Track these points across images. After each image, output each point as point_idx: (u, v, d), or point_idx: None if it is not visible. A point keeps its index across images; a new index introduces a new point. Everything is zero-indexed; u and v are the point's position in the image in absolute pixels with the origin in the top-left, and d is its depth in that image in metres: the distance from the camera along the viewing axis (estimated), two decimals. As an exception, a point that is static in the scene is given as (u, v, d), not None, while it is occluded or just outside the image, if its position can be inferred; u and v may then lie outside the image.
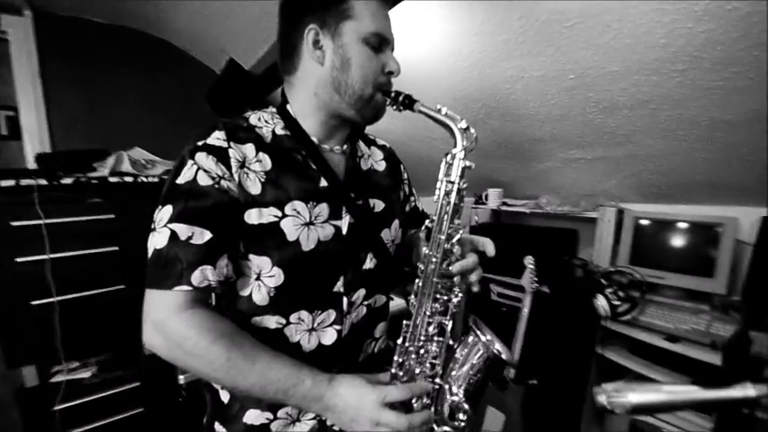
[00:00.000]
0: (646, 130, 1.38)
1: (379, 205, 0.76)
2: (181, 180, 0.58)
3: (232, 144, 0.61)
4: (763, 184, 1.41)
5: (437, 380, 0.65)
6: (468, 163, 0.62)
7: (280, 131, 0.68)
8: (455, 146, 0.62)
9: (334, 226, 0.67)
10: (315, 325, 0.67)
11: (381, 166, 0.83)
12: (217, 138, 0.61)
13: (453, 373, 0.66)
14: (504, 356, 0.65)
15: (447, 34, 1.26)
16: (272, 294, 0.64)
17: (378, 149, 0.85)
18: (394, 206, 0.81)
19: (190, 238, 0.55)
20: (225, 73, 2.04)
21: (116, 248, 1.48)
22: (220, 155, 0.60)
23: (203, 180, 0.57)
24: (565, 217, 1.98)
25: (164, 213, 0.57)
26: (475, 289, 0.67)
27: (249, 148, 0.63)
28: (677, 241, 1.61)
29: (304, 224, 0.64)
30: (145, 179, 1.58)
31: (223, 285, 0.60)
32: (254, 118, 0.67)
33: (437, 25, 1.24)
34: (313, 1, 0.64)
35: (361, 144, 0.81)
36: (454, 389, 0.65)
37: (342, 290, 0.69)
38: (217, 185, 0.58)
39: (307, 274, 0.65)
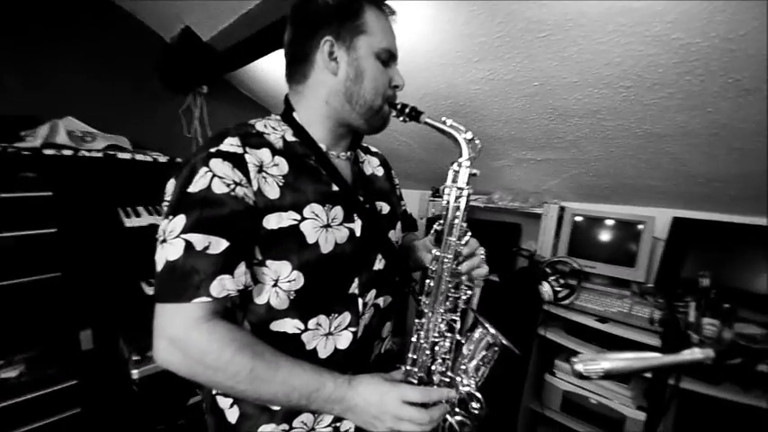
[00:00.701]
0: (590, 136, 1.56)
1: (385, 208, 0.80)
2: (194, 188, 0.56)
3: (248, 149, 0.60)
4: (676, 190, 1.68)
5: (449, 373, 0.69)
6: (474, 170, 0.66)
7: (290, 138, 0.68)
8: (461, 155, 0.67)
9: (348, 228, 0.68)
10: (332, 329, 0.68)
11: (380, 171, 0.87)
12: (230, 144, 0.60)
13: (463, 366, 0.71)
14: (511, 347, 0.71)
15: (427, 32, 1.30)
16: (292, 297, 0.63)
17: (373, 156, 0.88)
18: (396, 209, 0.84)
19: (207, 248, 0.54)
20: (178, 43, 1.87)
21: (54, 230, 1.31)
22: (236, 161, 0.58)
23: (218, 188, 0.56)
24: (511, 211, 2.16)
25: (175, 223, 0.54)
26: (480, 284, 0.72)
27: (265, 153, 0.63)
28: (606, 236, 1.86)
29: (322, 226, 0.64)
30: (87, 153, 1.41)
31: (241, 294, 0.58)
32: (259, 125, 0.67)
33: (418, 24, 1.27)
34: (329, 14, 0.66)
35: (360, 151, 0.83)
36: (465, 380, 0.70)
37: (357, 291, 0.70)
38: (232, 193, 0.57)
39: (326, 276, 0.66)
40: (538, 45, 1.19)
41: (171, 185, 0.62)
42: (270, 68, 1.94)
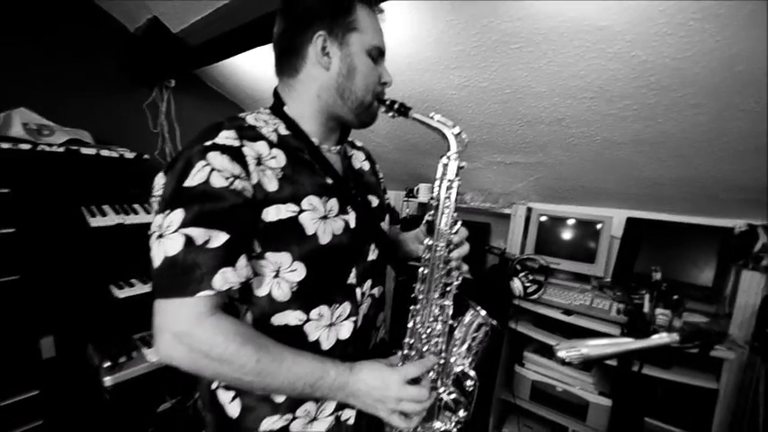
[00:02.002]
0: (555, 142, 1.67)
1: (374, 201, 0.82)
2: (191, 182, 0.55)
3: (245, 142, 0.60)
4: (629, 192, 1.83)
5: (443, 354, 0.73)
6: (462, 163, 0.70)
7: (283, 132, 0.69)
8: (449, 149, 0.69)
9: (343, 220, 0.70)
10: (333, 319, 0.69)
11: (366, 165, 0.89)
12: (227, 137, 0.60)
13: (455, 348, 0.75)
14: (497, 326, 0.76)
15: (407, 38, 1.35)
16: (294, 289, 0.64)
17: (359, 151, 0.90)
18: (383, 202, 0.88)
19: (207, 242, 0.54)
20: (144, 34, 1.79)
21: (12, 230, 1.22)
22: (234, 154, 0.58)
23: (217, 181, 0.56)
24: (481, 212, 2.26)
25: (172, 218, 0.54)
26: (465, 268, 0.77)
27: (262, 146, 0.63)
28: (569, 234, 1.99)
29: (320, 218, 0.65)
30: (48, 148, 1.33)
31: (242, 287, 0.58)
32: (250, 119, 0.67)
33: (399, 29, 1.31)
34: (322, 9, 0.67)
35: (347, 145, 0.85)
36: (459, 360, 0.74)
37: (355, 281, 0.72)
38: (231, 186, 0.57)
39: (326, 267, 0.67)
40: (510, 56, 1.27)
41: (160, 180, 0.61)
42: (242, 64, 1.90)
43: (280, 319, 0.65)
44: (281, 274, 0.63)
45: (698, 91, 1.16)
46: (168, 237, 0.53)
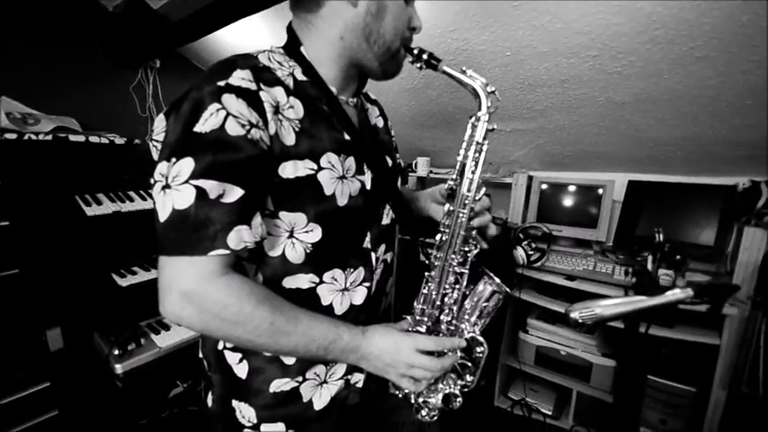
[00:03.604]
0: (556, 106, 1.63)
1: (388, 161, 0.78)
2: (203, 128, 0.50)
3: (262, 86, 0.54)
4: (631, 155, 1.81)
5: (454, 321, 0.72)
6: (492, 125, 0.64)
7: (300, 77, 0.62)
8: (479, 108, 0.64)
9: (360, 181, 0.66)
10: (348, 284, 0.67)
11: (380, 122, 0.83)
12: (242, 78, 0.53)
13: (467, 315, 0.74)
14: (509, 291, 0.75)
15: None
16: (308, 251, 0.61)
17: (373, 105, 0.84)
18: (396, 162, 0.84)
19: (221, 195, 0.49)
20: (124, 11, 1.70)
21: (6, 224, 1.19)
22: (251, 98, 0.53)
23: (233, 128, 0.50)
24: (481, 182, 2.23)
25: (182, 167, 0.49)
26: (485, 245, 0.74)
27: (280, 92, 0.57)
28: (570, 201, 1.98)
29: (338, 177, 0.61)
30: (35, 137, 1.28)
31: (255, 247, 0.55)
32: (263, 58, 0.60)
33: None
34: None
35: (362, 98, 0.79)
36: (469, 327, 0.73)
37: (369, 246, 0.69)
38: (248, 135, 0.51)
39: (342, 230, 0.64)
40: (511, 14, 1.21)
41: (161, 122, 0.56)
42: (227, 40, 1.82)
43: (291, 282, 0.62)
44: (295, 233, 0.59)
45: (705, 43, 1.11)
46: (177, 188, 0.49)
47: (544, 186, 2.02)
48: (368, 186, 0.67)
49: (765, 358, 1.44)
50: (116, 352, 1.28)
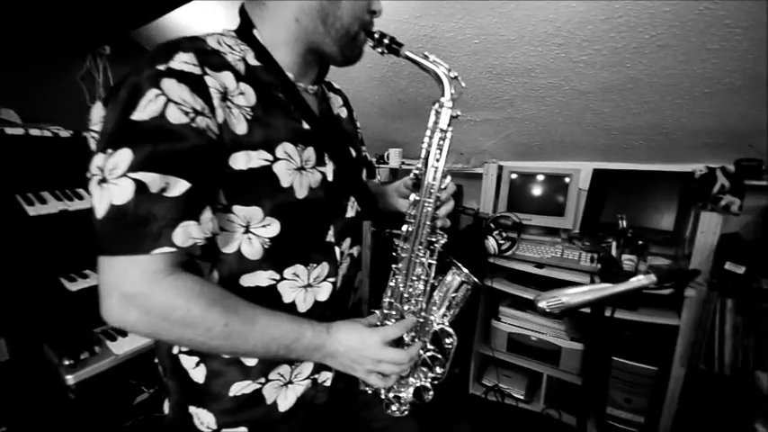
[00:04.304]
0: (524, 95, 1.63)
1: (352, 152, 0.75)
2: (141, 115, 0.45)
3: (207, 70, 0.50)
4: (596, 143, 1.85)
5: (423, 313, 0.71)
6: (456, 111, 0.64)
7: (253, 62, 0.58)
8: (443, 94, 0.62)
9: (320, 172, 0.63)
10: (311, 280, 0.64)
11: (343, 112, 0.80)
12: (185, 62, 0.49)
13: (435, 306, 0.73)
14: (478, 282, 0.74)
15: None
16: (266, 246, 0.58)
17: (336, 94, 0.81)
18: (360, 154, 0.80)
19: (164, 189, 0.45)
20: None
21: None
22: (195, 84, 0.48)
23: (175, 116, 0.46)
24: (452, 173, 2.21)
25: (118, 159, 0.45)
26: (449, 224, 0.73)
27: (228, 77, 0.53)
28: (539, 190, 2.01)
29: (296, 169, 0.58)
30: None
31: (206, 243, 0.51)
32: (212, 41, 0.55)
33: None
34: None
35: (324, 87, 0.76)
36: (438, 318, 0.72)
37: (333, 240, 0.66)
38: (193, 123, 0.47)
39: (302, 223, 0.61)
40: (479, 2, 1.18)
41: (99, 110, 0.51)
42: (186, 23, 1.71)
43: (250, 279, 0.59)
44: (251, 228, 0.56)
45: (666, 31, 1.13)
46: (114, 182, 0.45)
47: (514, 176, 2.04)
48: (329, 178, 0.64)
49: (721, 336, 1.51)
50: (67, 362, 1.19)
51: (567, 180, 1.92)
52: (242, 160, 0.53)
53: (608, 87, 1.44)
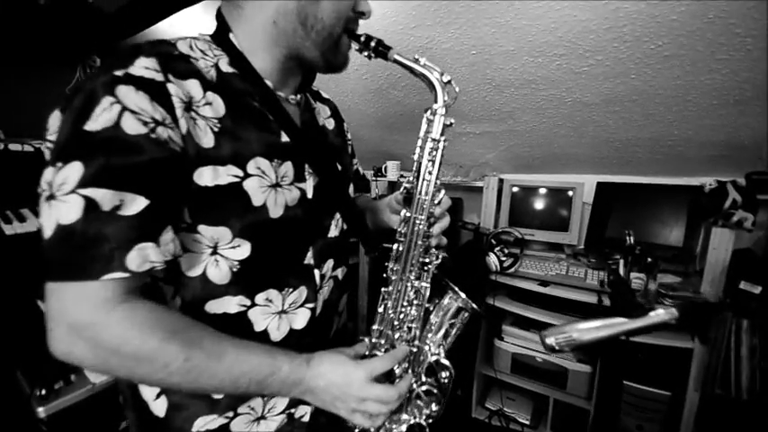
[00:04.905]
0: (524, 107, 1.58)
1: (338, 166, 0.69)
2: (94, 125, 0.41)
3: (171, 77, 0.46)
4: (599, 156, 1.79)
5: (416, 342, 0.64)
6: (449, 120, 0.58)
7: (226, 68, 0.53)
8: (435, 101, 0.57)
9: (299, 189, 0.58)
10: (286, 306, 0.58)
11: (331, 123, 0.75)
12: (145, 67, 0.44)
13: (430, 334, 0.66)
14: (478, 310, 0.68)
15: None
16: (235, 270, 0.52)
17: (323, 104, 0.76)
18: (348, 169, 0.75)
19: (118, 207, 0.41)
20: (52, 4, 1.52)
21: None
22: (155, 91, 0.44)
23: (132, 126, 0.42)
24: (452, 186, 2.17)
25: (68, 173, 0.40)
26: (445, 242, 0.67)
27: (194, 86, 0.48)
28: (541, 204, 1.94)
29: (270, 186, 0.53)
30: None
31: (168, 266, 0.46)
32: (183, 45, 0.51)
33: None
34: None
35: (309, 96, 0.71)
36: (434, 348, 0.65)
37: (312, 262, 0.61)
38: (152, 134, 0.43)
39: (276, 244, 0.56)
40: (475, 10, 1.14)
41: (56, 119, 0.47)
42: (174, 32, 1.67)
43: (217, 305, 0.53)
44: (219, 250, 0.51)
45: (672, 41, 1.08)
46: (62, 198, 0.40)
47: (515, 189, 1.98)
48: (309, 195, 0.60)
49: (737, 359, 1.43)
50: (39, 392, 1.11)
51: (570, 193, 1.86)
52: (208, 176, 0.48)
53: (611, 99, 1.39)
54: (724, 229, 1.46)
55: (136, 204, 0.42)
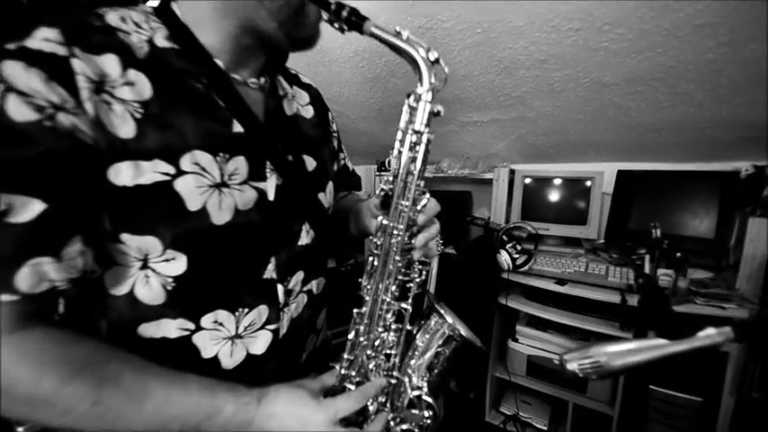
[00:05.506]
0: (536, 91, 1.45)
1: (310, 163, 0.60)
2: None
3: (77, 51, 0.38)
4: (620, 142, 1.65)
5: (395, 373, 0.55)
6: (437, 107, 0.47)
7: (162, 43, 0.45)
8: (420, 83, 0.47)
9: (256, 189, 0.49)
10: (240, 330, 0.50)
11: (308, 112, 0.65)
12: (45, 39, 0.37)
13: (413, 362, 0.56)
14: (475, 342, 0.58)
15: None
16: (170, 288, 0.45)
17: (302, 90, 0.66)
18: (327, 165, 0.65)
19: (5, 213, 0.34)
20: None
21: None
22: (55, 68, 0.36)
23: (20, 111, 0.34)
24: (460, 180, 2.05)
25: None
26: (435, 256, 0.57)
27: (110, 62, 0.40)
28: (557, 196, 1.81)
29: (213, 186, 0.45)
30: None
31: (79, 285, 0.39)
32: (113, 15, 0.43)
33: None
34: None
35: (282, 80, 0.61)
36: (415, 380, 0.55)
37: (274, 276, 0.52)
38: (47, 122, 0.35)
39: (222, 257, 0.47)
40: (479, -18, 1.02)
41: None
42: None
43: (153, 329, 0.45)
44: (150, 263, 0.43)
45: (706, 7, 0.94)
46: None
47: (528, 181, 1.85)
48: (270, 196, 0.51)
49: (778, 362, 1.29)
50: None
51: (588, 184, 1.73)
52: (127, 173, 0.40)
53: (634, 78, 1.25)
54: (763, 218, 1.32)
55: (28, 210, 0.34)
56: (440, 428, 0.60)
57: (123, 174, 0.40)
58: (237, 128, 0.48)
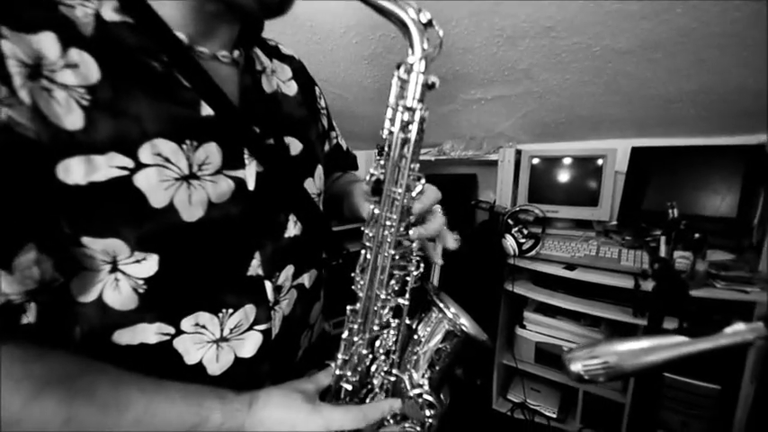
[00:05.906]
0: (543, 62, 1.35)
1: (295, 146, 0.54)
2: None
3: (4, 31, 0.32)
4: (634, 117, 1.54)
5: (395, 371, 0.52)
6: (432, 78, 0.40)
7: (111, 16, 0.38)
8: (412, 51, 0.40)
9: (232, 179, 0.45)
10: (225, 333, 0.46)
11: (291, 88, 0.58)
12: None
13: (413, 359, 0.53)
14: (479, 336, 0.54)
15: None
16: (142, 291, 0.41)
17: (283, 63, 0.59)
18: (314, 147, 0.59)
19: None
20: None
21: None
22: None
23: None
24: (464, 162, 1.96)
25: None
26: (439, 261, 0.52)
27: (47, 41, 0.34)
28: (566, 176, 1.72)
29: (180, 179, 0.40)
30: None
31: (40, 295, 0.35)
32: None
33: None
34: None
35: (260, 53, 0.55)
36: (416, 377, 0.52)
37: (260, 272, 0.48)
38: None
39: (197, 256, 0.43)
40: (476, -61, 0.92)
41: None
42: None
43: (129, 336, 0.42)
44: (119, 265, 0.39)
45: (735, -44, 0.83)
46: None
47: (535, 161, 1.76)
48: (250, 186, 0.46)
49: (804, 349, 1.21)
50: None
51: (599, 162, 1.63)
52: (78, 170, 0.35)
53: (650, 44, 1.14)
54: (791, 195, 1.22)
55: None
56: (446, 416, 0.58)
57: (74, 171, 0.35)
58: (207, 110, 0.42)
